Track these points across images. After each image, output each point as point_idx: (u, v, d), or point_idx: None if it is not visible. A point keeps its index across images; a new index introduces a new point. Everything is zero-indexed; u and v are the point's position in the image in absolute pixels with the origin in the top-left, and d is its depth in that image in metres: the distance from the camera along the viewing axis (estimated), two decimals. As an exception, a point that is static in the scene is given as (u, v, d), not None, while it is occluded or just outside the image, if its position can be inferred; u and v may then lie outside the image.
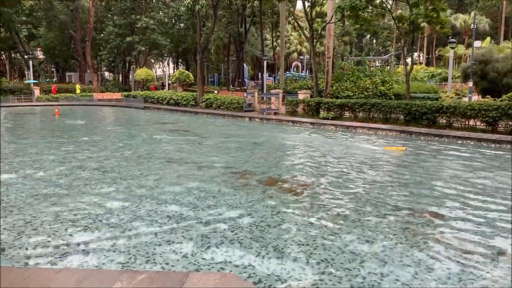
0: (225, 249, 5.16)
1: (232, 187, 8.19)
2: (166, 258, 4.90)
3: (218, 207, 6.90)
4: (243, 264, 4.77)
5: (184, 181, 8.64)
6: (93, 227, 5.94)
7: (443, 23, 19.37)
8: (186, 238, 5.51)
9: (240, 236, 5.58)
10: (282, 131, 18.76)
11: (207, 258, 4.93)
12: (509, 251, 5.21)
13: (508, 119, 15.14)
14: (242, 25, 43.69)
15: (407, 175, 9.49)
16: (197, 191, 7.86)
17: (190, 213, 6.56)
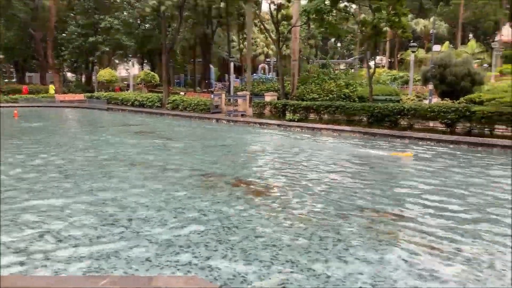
0: (191, 252, 5.13)
1: (199, 190, 8.15)
2: (130, 262, 4.82)
3: (183, 209, 6.84)
4: (210, 267, 4.76)
5: (149, 184, 8.51)
6: (53, 233, 5.77)
7: (404, 28, 19.96)
8: (151, 242, 5.43)
9: (206, 239, 5.56)
10: (249, 132, 18.81)
11: (172, 261, 4.89)
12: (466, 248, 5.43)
13: (465, 120, 15.77)
14: (209, 26, 43.43)
15: (369, 177, 9.72)
16: (163, 194, 7.77)
17: (154, 216, 6.48)
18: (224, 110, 26.39)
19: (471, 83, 24.55)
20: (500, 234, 5.88)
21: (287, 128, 19.99)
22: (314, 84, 26.66)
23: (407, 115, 17.36)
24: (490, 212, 6.87)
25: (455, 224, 6.26)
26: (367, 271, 4.70)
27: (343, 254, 5.14)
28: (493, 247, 5.41)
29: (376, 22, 19.20)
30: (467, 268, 4.81)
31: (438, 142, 14.77)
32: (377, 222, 6.35)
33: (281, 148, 14.23)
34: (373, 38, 21.02)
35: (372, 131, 16.99)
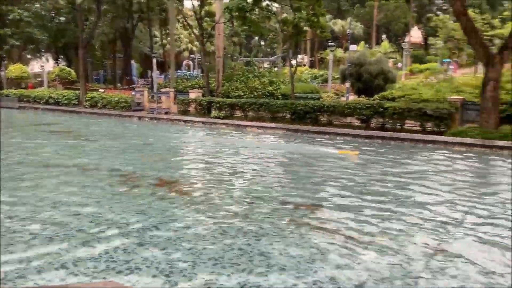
0: (110, 256, 4.92)
1: (120, 191, 7.84)
2: (41, 270, 4.51)
3: (102, 212, 6.55)
4: (130, 268, 4.60)
5: (65, 187, 8.03)
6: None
7: (323, 28, 20.80)
8: (67, 247, 5.13)
9: (126, 243, 5.37)
10: (173, 130, 18.47)
11: (90, 267, 4.66)
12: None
13: (379, 116, 16.82)
14: (129, 21, 41.87)
15: (294, 171, 10.01)
16: (79, 197, 7.37)
17: (71, 220, 6.13)
18: (147, 108, 25.65)
19: (384, 81, 26.21)
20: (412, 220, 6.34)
21: (212, 125, 19.93)
22: (239, 82, 26.85)
23: (326, 112, 18.11)
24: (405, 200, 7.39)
25: (368, 214, 6.65)
26: (289, 264, 4.82)
27: (267, 249, 5.23)
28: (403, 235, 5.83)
29: (297, 21, 19.77)
30: (379, 255, 5.12)
31: (354, 137, 15.60)
32: (299, 216, 6.54)
33: (206, 146, 14.16)
34: (294, 37, 21.62)
35: (295, 128, 17.50)
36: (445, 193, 8.04)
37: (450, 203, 7.39)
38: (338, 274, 4.61)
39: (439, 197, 7.72)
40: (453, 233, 5.96)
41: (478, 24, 39.86)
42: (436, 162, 11.29)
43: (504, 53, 14.72)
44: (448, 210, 6.96)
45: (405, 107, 16.16)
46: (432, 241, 5.61)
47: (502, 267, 4.89)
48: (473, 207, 7.15)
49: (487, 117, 14.69)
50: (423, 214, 6.72)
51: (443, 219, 6.49)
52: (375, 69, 26.02)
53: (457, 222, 6.40)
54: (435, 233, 5.92)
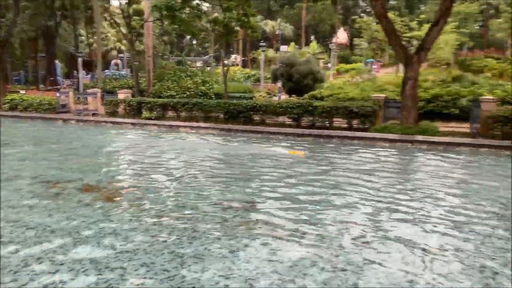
0: (30, 269, 4.63)
1: (42, 198, 7.39)
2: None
3: (22, 221, 6.13)
4: (53, 283, 4.35)
5: (-21, 197, 7.41)
6: None
7: (253, 28, 21.05)
8: (-20, 264, 4.74)
9: (49, 252, 5.07)
10: (100, 133, 17.73)
11: (7, 281, 4.35)
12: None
13: (308, 115, 17.36)
14: (52, 18, 39.51)
15: (228, 172, 10.02)
16: (-4, 207, 6.84)
17: (-14, 234, 5.67)
18: (72, 110, 24.43)
19: (313, 80, 27.09)
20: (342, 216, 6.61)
21: (143, 126, 19.40)
22: (171, 81, 26.40)
23: (259, 111, 18.37)
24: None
25: (302, 211, 6.84)
26: (221, 266, 4.82)
27: (198, 251, 5.19)
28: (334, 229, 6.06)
29: (227, 21, 19.84)
30: (314, 250, 5.28)
31: (286, 135, 15.95)
32: (232, 216, 6.56)
33: (134, 148, 13.76)
34: (225, 37, 21.66)
35: (228, 127, 17.55)
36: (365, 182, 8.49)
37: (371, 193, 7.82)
38: (266, 269, 4.69)
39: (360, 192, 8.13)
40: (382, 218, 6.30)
41: (397, 26, 42.44)
42: (361, 156, 11.88)
43: (421, 53, 15.80)
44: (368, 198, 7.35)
45: (332, 105, 16.83)
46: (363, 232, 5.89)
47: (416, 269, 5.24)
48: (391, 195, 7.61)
49: (407, 114, 15.69)
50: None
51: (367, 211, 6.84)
52: (305, 69, 26.80)
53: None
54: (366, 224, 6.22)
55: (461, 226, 6.24)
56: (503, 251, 5.33)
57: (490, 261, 5.04)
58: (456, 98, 19.27)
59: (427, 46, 15.81)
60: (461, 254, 5.23)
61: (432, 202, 7.42)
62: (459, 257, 5.14)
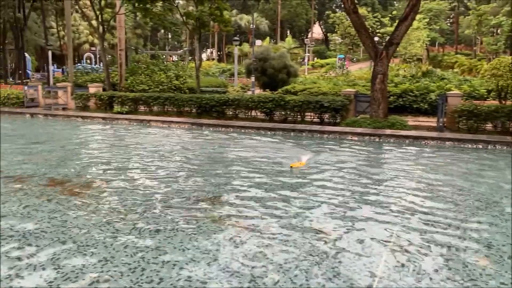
0: (-14, 265, 4.54)
1: (3, 194, 7.22)
2: None
3: (-19, 218, 5.99)
4: (11, 279, 4.28)
5: None
6: None
7: (226, 22, 20.98)
8: None
9: (9, 250, 4.98)
10: (69, 127, 17.39)
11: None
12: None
13: (281, 109, 17.46)
14: (21, 10, 38.37)
15: (197, 165, 10.01)
16: (-46, 203, 6.65)
17: None
18: (41, 104, 23.88)
19: (287, 75, 27.26)
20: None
21: (113, 121, 19.13)
22: (144, 75, 26.08)
23: (231, 106, 18.37)
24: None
25: (267, 204, 6.91)
26: (183, 259, 4.84)
27: (162, 244, 5.19)
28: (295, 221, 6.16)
29: (199, 14, 19.72)
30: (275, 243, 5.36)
31: (258, 129, 16.01)
32: (204, 210, 6.58)
33: (103, 142, 13.58)
34: (197, 31, 21.51)
35: (200, 122, 17.49)
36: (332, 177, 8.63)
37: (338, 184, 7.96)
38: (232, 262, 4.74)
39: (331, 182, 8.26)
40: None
41: (370, 22, 43.18)
42: (327, 150, 12.06)
43: (389, 48, 16.08)
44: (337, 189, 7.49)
45: (304, 100, 16.97)
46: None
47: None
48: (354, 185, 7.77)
49: (377, 108, 15.97)
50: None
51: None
52: (279, 63, 26.94)
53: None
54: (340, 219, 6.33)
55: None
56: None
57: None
58: (425, 93, 19.76)
59: (396, 41, 16.09)
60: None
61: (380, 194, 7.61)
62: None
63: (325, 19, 69.44)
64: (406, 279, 4.45)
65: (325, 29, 73.69)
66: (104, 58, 25.33)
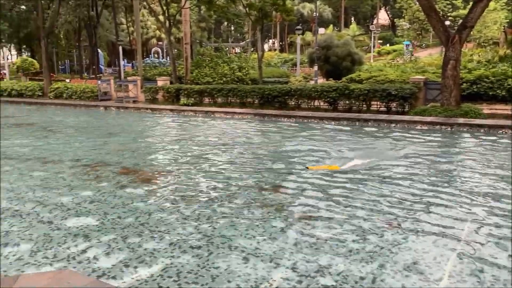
0: (67, 246, 4.89)
1: (81, 180, 7.74)
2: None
3: (62, 203, 6.46)
4: (88, 259, 4.58)
5: (25, 179, 7.86)
6: None
7: (289, 11, 20.82)
8: (23, 240, 5.06)
9: (87, 231, 5.33)
10: (140, 119, 18.24)
11: (49, 257, 4.62)
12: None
13: (345, 98, 17.05)
14: (93, 8, 40.68)
15: (264, 155, 10.09)
16: (39, 188, 7.23)
17: (30, 212, 6.03)
18: (114, 97, 25.23)
19: (352, 63, 26.56)
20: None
21: (180, 112, 19.78)
22: (208, 68, 26.68)
23: (294, 96, 18.24)
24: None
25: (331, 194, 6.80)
26: (249, 247, 4.90)
27: (229, 231, 5.29)
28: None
29: (262, 5, 19.71)
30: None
31: (321, 119, 15.77)
32: (263, 199, 6.63)
33: (172, 133, 14.07)
34: (260, 21, 21.54)
35: (263, 112, 17.57)
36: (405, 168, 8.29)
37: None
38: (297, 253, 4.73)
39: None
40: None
41: (441, 5, 40.73)
42: (394, 140, 11.61)
43: (462, 32, 15.09)
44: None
45: (370, 88, 16.44)
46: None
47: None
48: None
49: (448, 96, 15.10)
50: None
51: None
52: (342, 51, 26.32)
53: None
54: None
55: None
56: None
57: None
58: (503, 79, 18.32)
59: (470, 24, 15.06)
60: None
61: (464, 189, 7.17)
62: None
63: (391, 4, 66.63)
64: None
65: (391, 15, 70.72)
66: (171, 52, 26.20)
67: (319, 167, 8.48)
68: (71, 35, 50.52)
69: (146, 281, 4.14)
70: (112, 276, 4.20)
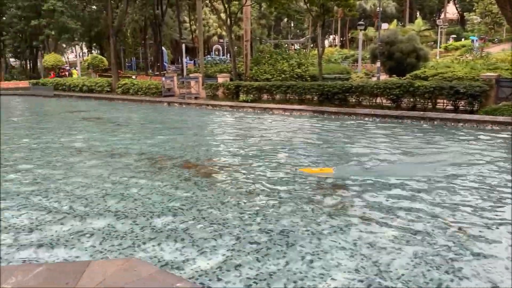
0: (135, 235, 5.13)
1: (146, 173, 8.08)
2: (70, 250, 4.75)
3: (129, 194, 6.78)
4: (154, 249, 4.78)
5: (94, 170, 8.34)
6: (-9, 224, 5.58)
7: (351, 6, 20.36)
8: (92, 229, 5.37)
9: (153, 222, 5.56)
10: (201, 115, 18.71)
11: (116, 244, 4.87)
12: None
13: (409, 96, 16.39)
14: (159, 7, 42.25)
15: (322, 149, 9.98)
16: (107, 179, 7.65)
17: (99, 202, 6.40)
18: (177, 93, 26.03)
19: (416, 59, 25.48)
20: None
21: (239, 109, 20.03)
22: (267, 65, 26.76)
23: (355, 93, 17.83)
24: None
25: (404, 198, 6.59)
26: (307, 244, 4.87)
27: (287, 226, 5.29)
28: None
29: (323, 1, 19.42)
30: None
31: (384, 117, 15.30)
32: (320, 196, 6.56)
33: (231, 129, 14.29)
34: (321, 17, 21.26)
35: (322, 109, 17.34)
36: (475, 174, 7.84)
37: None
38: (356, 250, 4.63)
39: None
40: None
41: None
42: (464, 141, 10.99)
43: (543, 25, 13.97)
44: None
45: (436, 85, 15.69)
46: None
47: None
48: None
49: (524, 94, 14.07)
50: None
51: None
52: (407, 47, 25.33)
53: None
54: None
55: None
56: None
57: None
58: None
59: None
60: None
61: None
62: None
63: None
64: None
65: (460, 8, 67.00)
66: (231, 49, 26.55)
67: (312, 170, 8.18)
68: (137, 33, 52.81)
69: (206, 273, 4.24)
70: (175, 267, 4.35)
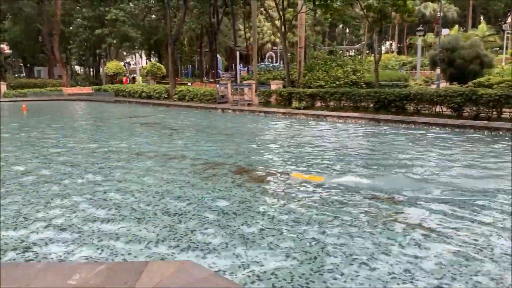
0: (190, 238, 5.22)
1: (201, 178, 8.23)
2: (129, 250, 4.92)
3: (185, 197, 6.93)
4: (209, 249, 4.84)
5: (152, 173, 8.62)
6: (59, 222, 5.90)
7: (410, 12, 19.74)
8: (149, 231, 5.53)
9: (207, 226, 5.64)
10: (254, 121, 18.84)
11: (173, 245, 4.98)
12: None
13: (472, 104, 15.59)
14: (215, 15, 43.25)
15: (390, 158, 9.72)
16: (164, 182, 7.87)
17: (157, 203, 6.59)
18: (230, 100, 26.45)
19: (480, 65, 24.26)
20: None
21: (292, 116, 19.98)
22: (321, 71, 26.56)
23: (413, 100, 17.23)
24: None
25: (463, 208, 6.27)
26: (364, 255, 4.73)
27: (339, 240, 5.18)
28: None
29: (381, 6, 19.00)
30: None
31: (444, 126, 14.63)
32: (381, 208, 6.36)
33: (283, 136, 14.26)
34: (378, 23, 20.79)
35: (378, 117, 16.90)
36: None
37: None
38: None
39: None
40: None
41: None
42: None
43: None
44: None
45: (502, 93, 14.81)
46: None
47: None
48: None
49: None
50: None
51: None
52: (469, 53, 24.19)
53: None
54: None
55: None
56: None
57: None
58: None
59: None
60: None
61: None
62: None
63: (530, 0, 59.38)
64: None
65: (529, 11, 62.97)
66: (285, 56, 26.62)
67: (303, 176, 8.24)
68: (193, 41, 54.34)
69: (259, 278, 4.23)
70: (228, 271, 4.38)
